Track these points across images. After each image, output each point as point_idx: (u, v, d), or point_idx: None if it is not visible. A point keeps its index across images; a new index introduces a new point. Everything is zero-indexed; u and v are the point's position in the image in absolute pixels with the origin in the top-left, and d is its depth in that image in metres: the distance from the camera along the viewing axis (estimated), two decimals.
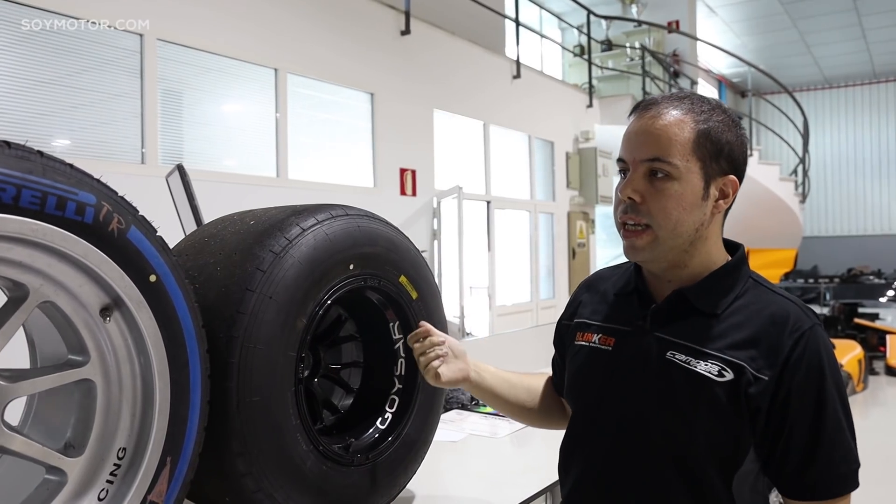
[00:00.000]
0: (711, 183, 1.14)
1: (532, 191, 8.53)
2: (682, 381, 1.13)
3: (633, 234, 1.16)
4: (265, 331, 1.31)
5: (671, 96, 1.18)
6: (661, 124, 1.14)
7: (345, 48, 5.83)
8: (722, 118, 1.16)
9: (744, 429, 1.10)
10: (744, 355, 1.10)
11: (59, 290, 1.06)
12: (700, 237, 1.16)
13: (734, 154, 1.16)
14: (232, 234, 1.44)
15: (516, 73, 7.96)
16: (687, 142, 1.12)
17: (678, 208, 1.12)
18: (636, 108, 1.19)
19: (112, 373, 1.13)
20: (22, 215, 0.96)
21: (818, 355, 1.10)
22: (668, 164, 1.12)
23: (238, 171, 5.22)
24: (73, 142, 4.31)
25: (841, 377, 1.13)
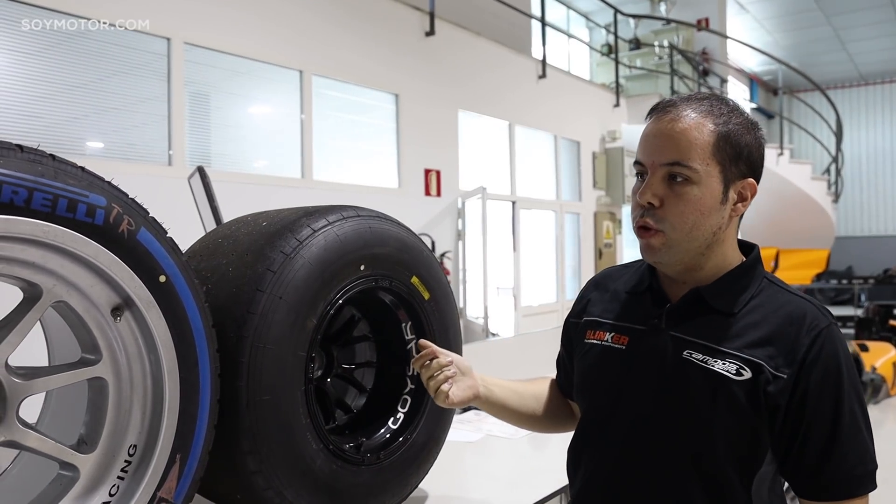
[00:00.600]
0: (731, 186, 1.13)
1: (558, 191, 8.50)
2: (699, 379, 1.12)
3: (649, 236, 1.15)
4: (275, 331, 1.32)
5: (689, 97, 1.17)
6: (681, 127, 1.12)
7: (369, 50, 5.87)
8: (741, 120, 1.15)
9: (762, 428, 1.09)
10: (762, 353, 1.10)
11: (71, 290, 1.09)
12: (717, 240, 1.15)
13: (753, 157, 1.15)
14: (245, 236, 1.46)
15: (542, 74, 7.93)
16: (707, 145, 1.11)
17: (696, 213, 1.12)
18: (654, 110, 1.18)
19: (123, 371, 1.15)
20: (34, 217, 0.99)
21: (835, 354, 1.09)
22: (689, 168, 1.11)
23: (263, 173, 5.27)
24: (106, 144, 4.40)
25: (857, 377, 1.12)
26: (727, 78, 12.79)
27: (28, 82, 3.93)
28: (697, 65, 11.76)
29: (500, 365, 2.97)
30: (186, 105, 4.91)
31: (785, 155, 9.69)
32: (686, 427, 1.13)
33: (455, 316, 1.74)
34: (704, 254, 1.16)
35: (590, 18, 11.57)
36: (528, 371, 3.15)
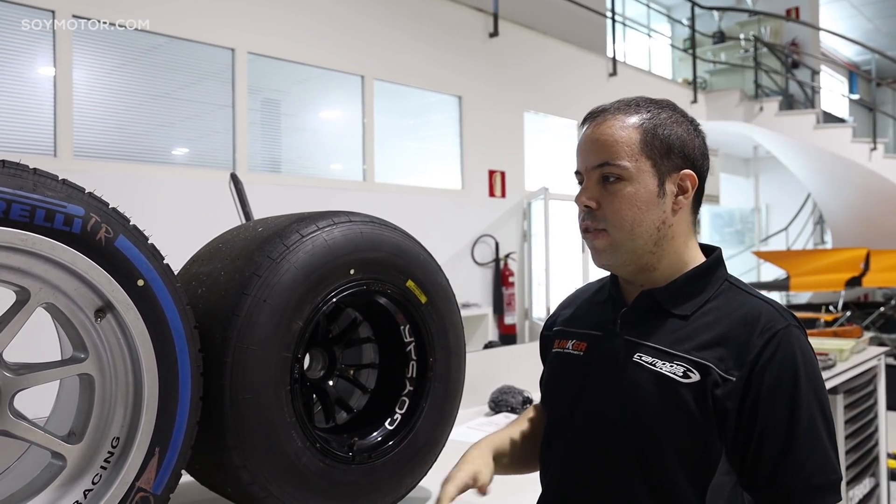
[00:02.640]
0: (667, 179, 1.13)
1: None
2: (647, 382, 1.11)
3: (594, 236, 1.17)
4: (259, 332, 1.38)
5: (618, 102, 1.18)
6: (608, 130, 1.14)
7: (431, 53, 5.93)
8: (669, 115, 1.16)
9: (712, 433, 1.07)
10: (711, 356, 1.08)
11: (57, 293, 1.18)
12: (664, 236, 1.15)
13: (687, 149, 1.14)
14: (241, 241, 1.53)
15: (613, 71, 7.80)
16: (634, 142, 1.12)
17: (633, 209, 1.12)
18: (585, 119, 1.20)
19: (107, 369, 1.24)
20: (12, 227, 1.08)
21: (792, 357, 1.06)
22: (618, 166, 1.12)
23: (326, 176, 5.42)
24: (191, 151, 4.67)
25: (821, 382, 1.08)
26: (819, 69, 12.19)
27: (114, 95, 4.19)
28: (786, 56, 11.28)
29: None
30: (258, 111, 5.12)
31: (879, 150, 9.15)
32: (634, 430, 1.12)
33: (456, 319, 1.77)
34: (654, 252, 1.15)
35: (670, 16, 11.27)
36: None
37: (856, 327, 4.43)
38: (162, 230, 1.82)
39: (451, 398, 1.75)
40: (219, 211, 2.43)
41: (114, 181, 4.00)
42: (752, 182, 11.68)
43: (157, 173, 4.28)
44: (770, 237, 11.82)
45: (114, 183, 3.99)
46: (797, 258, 8.66)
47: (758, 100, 9.42)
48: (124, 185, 4.03)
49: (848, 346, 3.93)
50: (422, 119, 6.26)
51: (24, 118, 3.80)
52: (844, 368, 3.65)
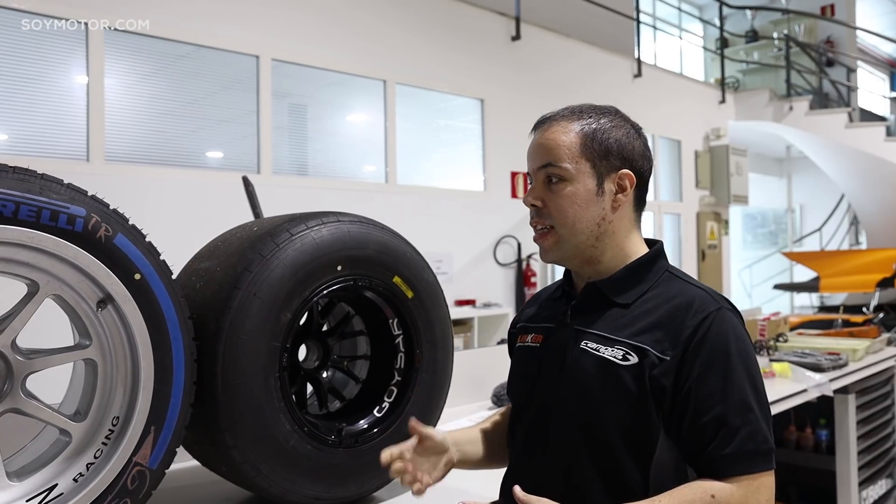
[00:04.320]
0: (605, 179, 1.23)
1: (656, 191, 8.33)
2: (592, 367, 1.20)
3: (541, 237, 1.27)
4: (249, 323, 1.50)
5: (564, 110, 1.28)
6: (551, 135, 1.25)
7: (453, 57, 6.04)
8: (609, 120, 1.25)
9: (650, 410, 1.15)
10: (648, 339, 1.17)
11: (62, 285, 1.31)
12: (605, 231, 1.24)
13: (626, 151, 1.24)
14: (237, 240, 1.65)
15: (637, 73, 7.82)
16: (574, 145, 1.22)
17: (574, 206, 1.22)
18: (534, 126, 1.30)
19: (108, 354, 1.37)
20: (21, 226, 1.21)
21: (723, 336, 1.15)
22: (559, 167, 1.22)
23: (349, 178, 5.56)
24: (225, 154, 4.87)
25: (752, 359, 1.16)
26: (855, 67, 12.00)
27: (144, 101, 4.39)
28: (820, 55, 11.13)
29: None
30: (286, 116, 5.29)
31: None
32: (580, 412, 1.21)
33: (443, 314, 1.86)
34: (596, 246, 1.25)
35: (701, 18, 11.21)
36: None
37: (872, 327, 4.40)
38: (189, 230, 1.96)
39: (438, 389, 1.85)
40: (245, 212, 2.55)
41: (144, 184, 4.18)
42: (784, 182, 11.53)
43: (186, 177, 4.46)
44: (804, 238, 11.67)
45: (144, 186, 4.17)
46: (827, 259, 8.56)
47: (788, 99, 9.33)
48: (154, 187, 4.21)
49: (862, 346, 3.92)
50: (444, 122, 6.37)
51: (58, 124, 4.01)
52: (856, 368, 3.66)
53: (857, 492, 3.68)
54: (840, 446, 3.65)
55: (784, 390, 3.06)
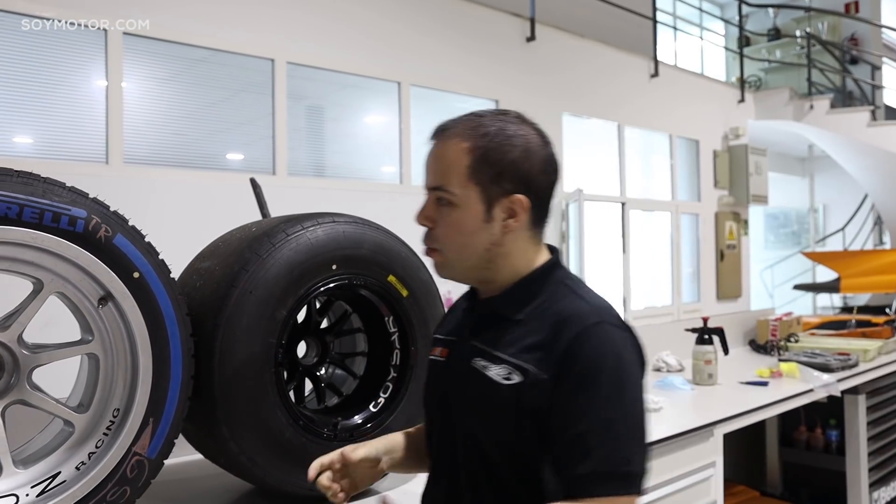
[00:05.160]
0: (495, 205, 1.15)
1: (673, 191, 8.30)
2: (479, 385, 1.16)
3: (431, 255, 1.22)
4: (245, 320, 1.56)
5: (461, 119, 1.20)
6: (442, 152, 1.18)
7: (467, 58, 6.08)
8: (506, 136, 1.15)
9: (531, 434, 1.10)
10: (531, 357, 1.12)
11: (66, 283, 1.38)
12: (496, 255, 1.18)
13: (519, 172, 1.15)
14: (236, 240, 1.72)
15: (654, 72, 7.80)
16: (464, 168, 1.15)
17: (460, 234, 1.16)
18: (432, 134, 1.22)
19: (109, 349, 1.44)
20: (24, 227, 1.28)
21: (596, 352, 1.08)
22: (448, 192, 1.16)
23: (364, 180, 5.63)
24: (246, 156, 4.97)
25: (629, 378, 1.09)
26: (880, 65, 11.83)
27: (162, 105, 4.49)
28: (844, 53, 10.99)
29: None
30: (303, 117, 5.37)
31: None
32: (472, 433, 1.18)
33: (438, 312, 1.91)
34: (489, 268, 1.19)
35: (721, 17, 11.13)
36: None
37: (886, 328, 4.38)
38: (205, 230, 2.02)
39: None
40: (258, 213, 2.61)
41: (161, 186, 4.28)
42: (807, 182, 11.41)
43: (203, 178, 4.56)
44: (826, 238, 11.53)
45: (161, 187, 4.27)
46: (848, 259, 8.47)
47: (808, 98, 9.23)
48: (171, 189, 4.31)
49: (874, 346, 3.91)
50: None
51: (78, 128, 4.12)
52: (867, 369, 3.65)
53: (868, 493, 3.67)
54: (850, 447, 3.65)
55: (790, 390, 3.07)
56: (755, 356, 4.05)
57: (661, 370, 3.51)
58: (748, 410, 2.74)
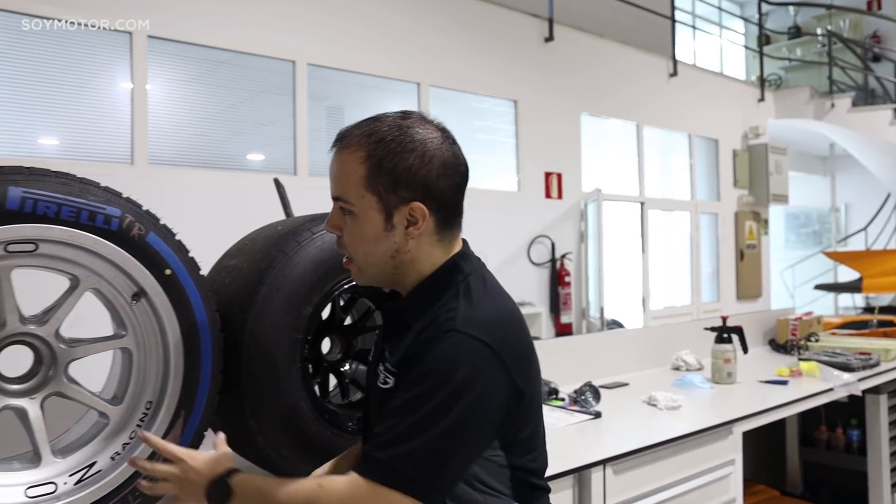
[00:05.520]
0: (394, 213, 1.16)
1: (693, 191, 8.28)
2: (375, 390, 1.23)
3: (347, 265, 1.26)
4: (272, 316, 1.60)
5: (359, 125, 1.20)
6: (341, 161, 1.18)
7: (486, 59, 6.11)
8: (401, 140, 1.15)
9: None
10: (398, 361, 1.16)
11: (100, 280, 1.43)
12: (402, 261, 1.19)
13: (416, 179, 1.14)
14: (262, 238, 1.76)
15: (673, 72, 7.78)
16: (360, 178, 1.15)
17: (362, 243, 1.18)
18: (334, 141, 1.22)
19: (142, 343, 1.48)
20: (62, 225, 1.33)
21: (437, 357, 1.08)
22: (347, 202, 1.17)
23: None
24: (266, 156, 5.04)
25: (458, 387, 1.06)
26: None
27: (186, 106, 4.57)
28: (865, 51, 10.89)
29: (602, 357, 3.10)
30: (324, 118, 5.43)
31: None
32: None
33: None
34: (397, 273, 1.21)
35: (741, 15, 11.07)
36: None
37: None
38: (228, 229, 2.07)
39: None
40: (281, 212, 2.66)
41: (185, 186, 4.35)
42: (828, 181, 11.32)
43: (226, 178, 4.62)
44: (848, 237, 11.43)
45: (185, 187, 4.34)
46: (871, 259, 8.39)
47: (829, 96, 9.17)
48: (194, 189, 4.38)
49: (894, 345, 3.89)
50: (478, 123, 6.44)
51: (104, 129, 4.20)
52: (888, 368, 3.63)
53: (890, 493, 3.65)
54: (871, 447, 3.63)
55: (810, 389, 3.07)
56: (775, 355, 4.04)
57: (680, 369, 3.51)
58: (768, 409, 2.74)
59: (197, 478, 1.20)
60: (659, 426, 2.46)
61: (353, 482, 1.08)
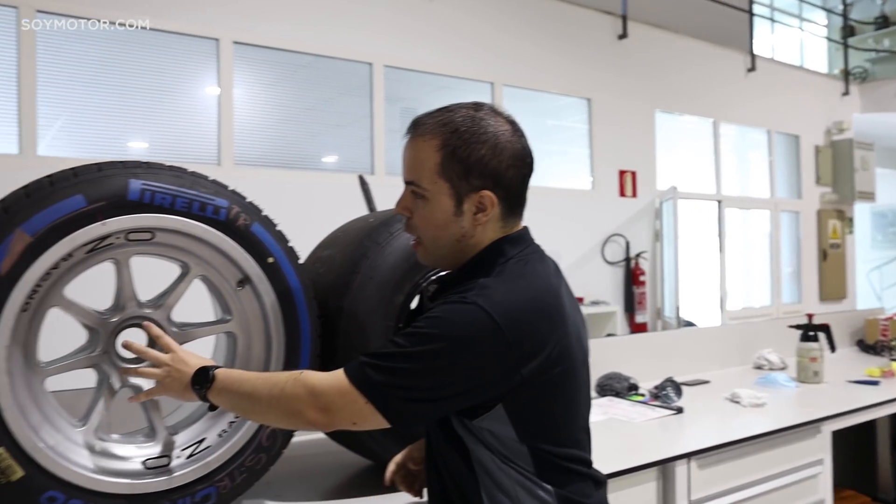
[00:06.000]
0: (465, 200, 1.21)
1: (772, 188, 8.04)
2: None
3: (413, 246, 1.32)
4: (365, 304, 1.66)
5: (433, 114, 1.25)
6: (414, 148, 1.24)
7: (559, 58, 6.10)
8: (474, 132, 1.20)
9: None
10: None
11: (209, 267, 1.52)
12: (467, 245, 1.25)
13: (488, 169, 1.20)
14: (355, 230, 1.83)
15: (751, 66, 7.59)
16: (434, 165, 1.21)
17: (431, 226, 1.24)
18: (407, 129, 1.28)
19: (246, 328, 1.56)
20: (176, 215, 1.42)
21: (440, 309, 1.15)
22: (419, 187, 1.23)
23: None
24: (340, 157, 5.18)
25: (450, 347, 1.12)
26: None
27: (268, 109, 4.74)
28: None
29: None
30: (398, 119, 5.54)
31: None
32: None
33: None
34: (464, 253, 1.26)
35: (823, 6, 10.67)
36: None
37: None
38: (306, 226, 2.16)
39: None
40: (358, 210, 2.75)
41: (267, 186, 4.50)
42: None
43: (307, 178, 4.77)
44: None
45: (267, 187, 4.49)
46: None
47: None
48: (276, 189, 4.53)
49: None
50: (552, 122, 6.44)
51: (192, 132, 4.39)
52: None
53: None
54: None
55: None
56: (864, 356, 3.91)
57: (763, 368, 3.44)
58: (858, 408, 2.66)
59: (185, 367, 1.32)
60: (743, 423, 2.42)
61: (334, 374, 1.17)
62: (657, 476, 2.04)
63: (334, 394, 1.16)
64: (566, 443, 1.25)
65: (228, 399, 1.27)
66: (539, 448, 1.20)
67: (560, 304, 1.23)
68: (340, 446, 1.91)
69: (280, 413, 1.21)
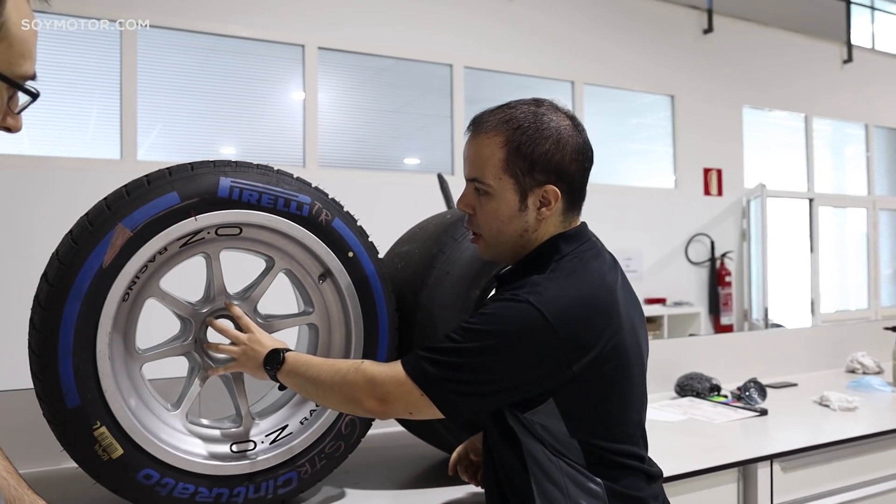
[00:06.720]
0: (529, 195, 1.25)
1: (870, 185, 7.66)
2: None
3: (474, 240, 1.36)
4: (441, 299, 1.70)
5: (495, 111, 1.29)
6: (477, 146, 1.27)
7: (641, 55, 6.00)
8: (537, 127, 1.23)
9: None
10: None
11: (292, 261, 1.59)
12: (529, 240, 1.28)
13: (551, 164, 1.23)
14: (432, 226, 1.87)
15: (847, 58, 7.25)
16: (498, 161, 1.24)
17: (496, 221, 1.27)
18: (468, 126, 1.32)
19: (327, 320, 1.63)
20: (262, 211, 1.49)
21: (493, 306, 1.20)
22: (484, 184, 1.26)
23: None
24: (422, 159, 5.27)
25: (501, 344, 1.15)
26: None
27: (351, 112, 4.88)
28: None
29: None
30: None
31: None
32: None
33: None
34: (524, 249, 1.29)
35: None
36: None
37: None
38: (388, 225, 2.22)
39: None
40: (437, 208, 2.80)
41: (350, 187, 4.62)
42: None
43: (389, 178, 4.87)
44: None
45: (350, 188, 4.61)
46: None
47: None
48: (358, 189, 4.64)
49: None
50: (634, 120, 6.33)
51: (279, 136, 4.55)
52: None
53: None
54: None
55: None
56: None
57: (856, 371, 3.29)
58: None
59: (259, 347, 1.42)
60: (832, 427, 2.34)
61: (392, 366, 1.23)
62: (737, 477, 2.00)
63: (391, 384, 1.21)
64: (618, 438, 1.26)
65: (296, 381, 1.36)
66: (590, 442, 1.22)
67: (614, 301, 1.24)
68: (418, 439, 1.95)
69: (340, 399, 1.29)
